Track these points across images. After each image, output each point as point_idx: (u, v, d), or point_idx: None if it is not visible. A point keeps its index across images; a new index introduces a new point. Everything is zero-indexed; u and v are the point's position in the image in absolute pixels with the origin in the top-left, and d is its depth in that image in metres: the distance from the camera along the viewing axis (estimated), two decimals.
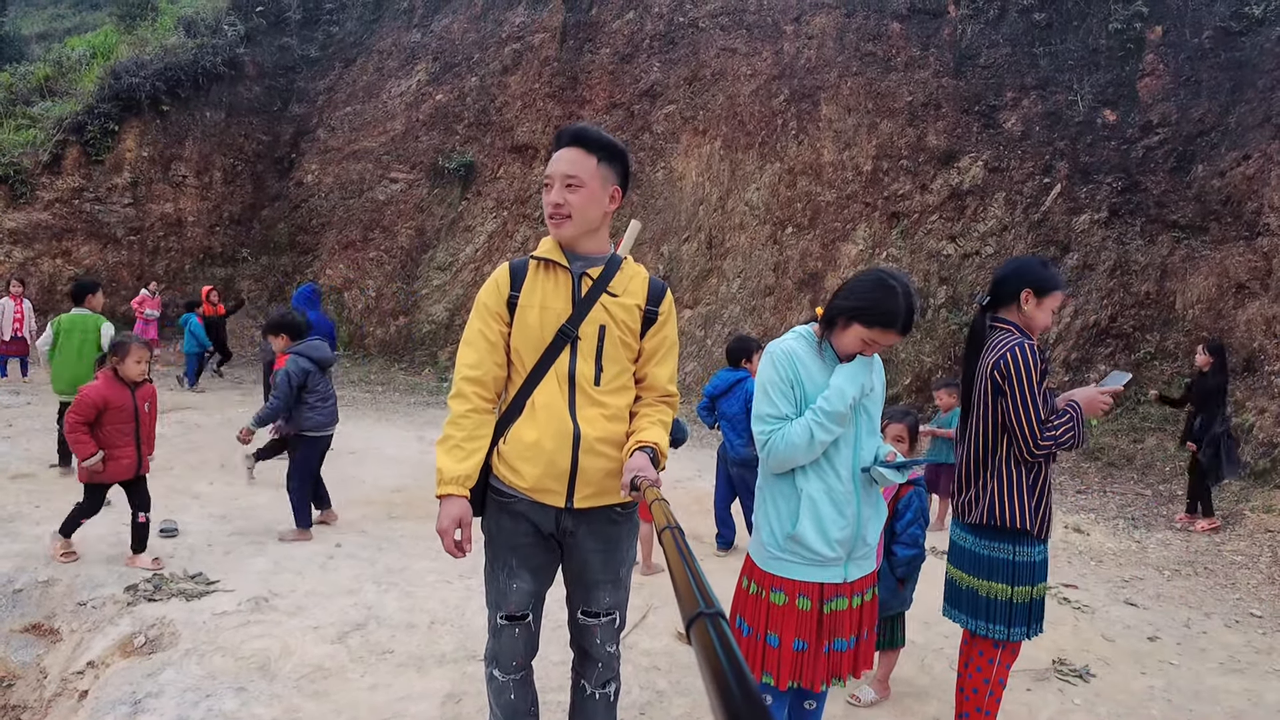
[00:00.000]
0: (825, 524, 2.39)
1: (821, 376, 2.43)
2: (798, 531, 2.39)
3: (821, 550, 2.39)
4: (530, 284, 2.28)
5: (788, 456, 2.39)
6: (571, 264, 2.28)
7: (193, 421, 9.72)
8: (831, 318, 2.42)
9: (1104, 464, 9.14)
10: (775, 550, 2.45)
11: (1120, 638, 4.63)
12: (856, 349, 2.40)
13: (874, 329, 2.34)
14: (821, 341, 2.46)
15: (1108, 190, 10.72)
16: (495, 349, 2.29)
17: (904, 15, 12.74)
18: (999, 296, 2.92)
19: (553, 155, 2.27)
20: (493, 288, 2.31)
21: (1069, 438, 2.74)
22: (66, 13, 22.91)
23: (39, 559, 4.92)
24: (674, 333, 2.43)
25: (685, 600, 0.94)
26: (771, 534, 2.47)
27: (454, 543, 2.20)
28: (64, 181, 14.83)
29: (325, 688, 3.46)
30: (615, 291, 2.29)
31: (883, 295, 2.33)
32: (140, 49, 16.42)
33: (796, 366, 2.42)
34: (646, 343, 2.35)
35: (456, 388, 2.30)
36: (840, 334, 2.40)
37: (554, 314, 2.25)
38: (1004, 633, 2.85)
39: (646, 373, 2.38)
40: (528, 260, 2.32)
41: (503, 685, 2.41)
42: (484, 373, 2.28)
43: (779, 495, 2.47)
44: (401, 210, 16.86)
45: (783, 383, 2.42)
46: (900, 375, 11.35)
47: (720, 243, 13.98)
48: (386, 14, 18.21)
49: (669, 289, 2.44)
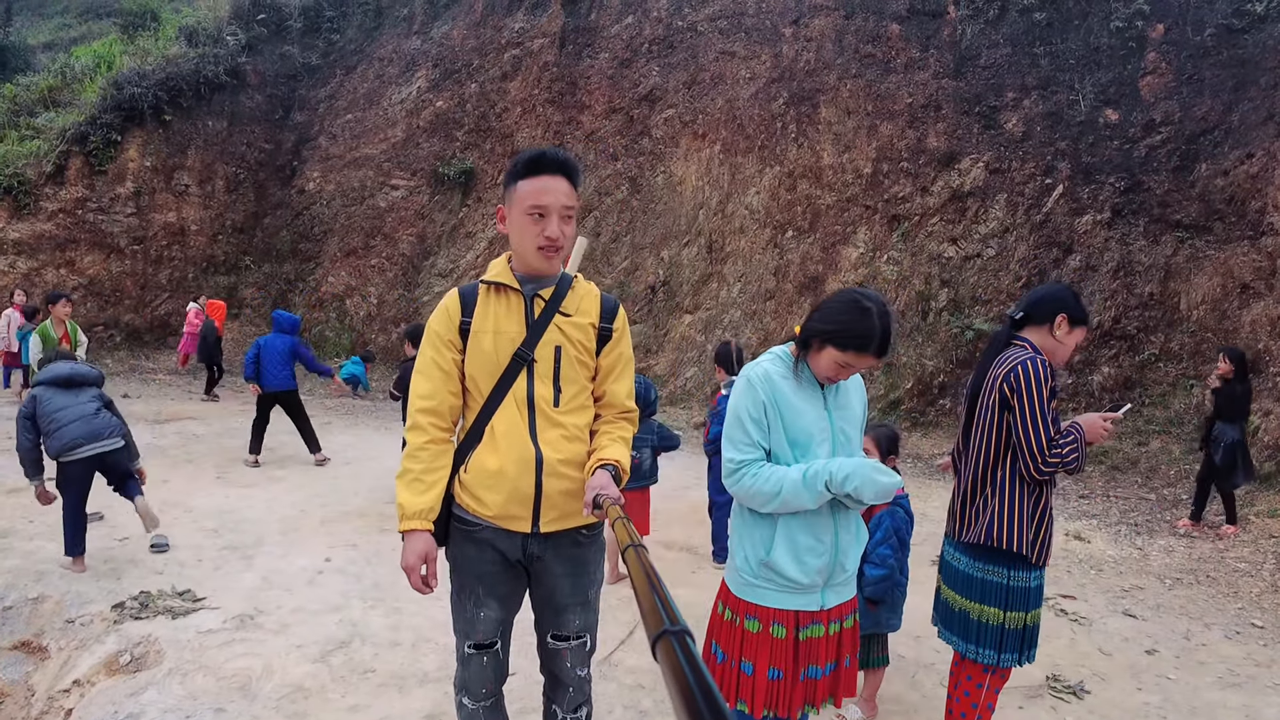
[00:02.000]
0: (801, 551, 2.33)
1: (798, 399, 2.35)
2: (772, 558, 2.33)
3: (796, 577, 2.32)
4: (482, 309, 2.24)
5: (748, 498, 2.35)
6: (523, 286, 2.24)
7: (191, 432, 9.73)
8: (806, 339, 2.34)
9: (1108, 468, 9.04)
10: (749, 577, 2.39)
11: (1118, 651, 4.56)
12: (832, 373, 2.31)
13: (848, 352, 2.25)
14: (798, 362, 2.38)
15: (1110, 190, 10.62)
16: (449, 378, 2.25)
17: (903, 16, 12.67)
18: (1031, 315, 2.83)
19: (532, 180, 2.16)
20: (443, 315, 2.27)
21: (1074, 459, 2.66)
22: (73, 22, 23.05)
23: (30, 575, 4.92)
24: (629, 348, 2.40)
25: (650, 619, 0.95)
26: (745, 560, 2.40)
27: (420, 579, 2.16)
28: (67, 192, 14.90)
29: (305, 708, 3.43)
30: (568, 311, 2.26)
31: (856, 317, 2.24)
32: (142, 59, 16.51)
33: (773, 392, 2.35)
34: (603, 360, 2.32)
35: (412, 420, 2.25)
36: (815, 356, 2.32)
37: (508, 338, 2.21)
38: (994, 658, 2.78)
39: (605, 390, 2.35)
40: (477, 285, 2.28)
41: (473, 713, 2.39)
42: (439, 402, 2.24)
43: (753, 520, 2.40)
44: (403, 217, 16.87)
45: (755, 409, 2.35)
46: (902, 379, 11.28)
47: (720, 247, 13.92)
48: (387, 21, 18.24)
49: (621, 305, 2.41)
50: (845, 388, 2.46)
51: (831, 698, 2.50)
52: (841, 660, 2.48)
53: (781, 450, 2.35)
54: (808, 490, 2.26)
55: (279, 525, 6.19)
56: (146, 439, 9.06)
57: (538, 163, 2.18)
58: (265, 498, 6.97)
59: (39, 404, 5.04)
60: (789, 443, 2.35)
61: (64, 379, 5.19)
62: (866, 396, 2.61)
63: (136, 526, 5.98)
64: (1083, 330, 2.83)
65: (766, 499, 2.31)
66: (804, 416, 2.35)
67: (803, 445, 2.35)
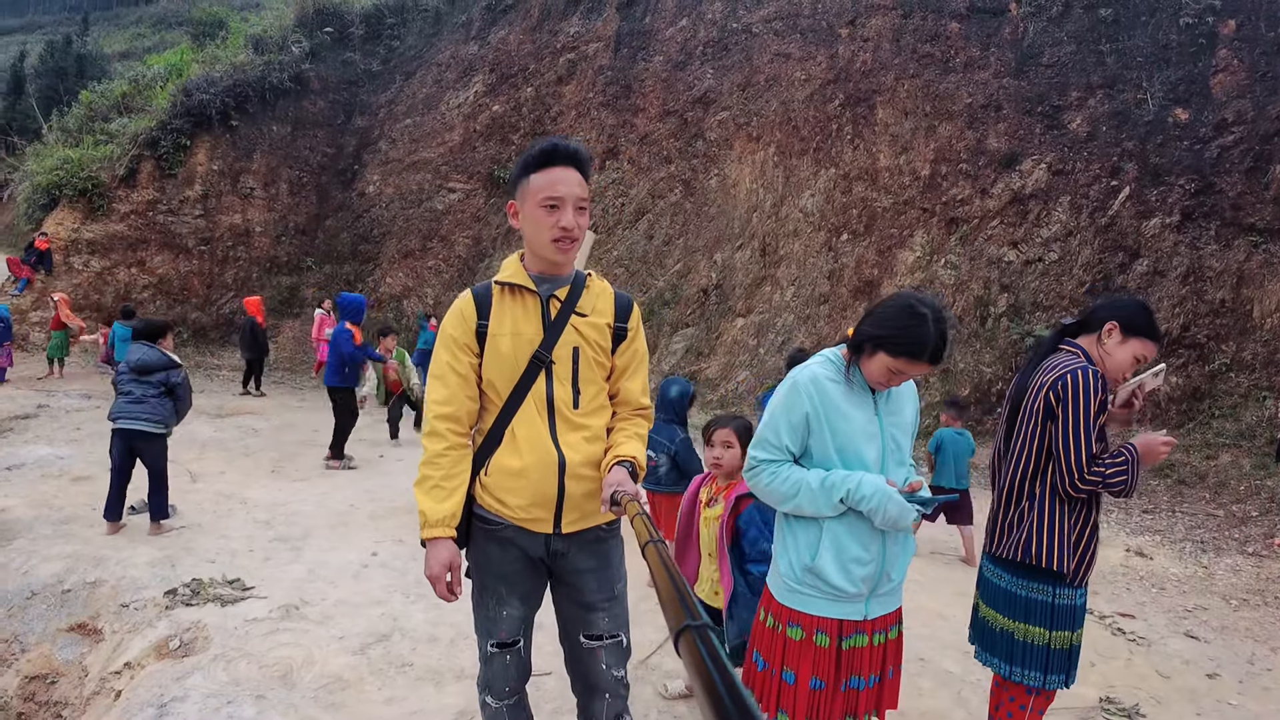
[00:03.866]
0: (847, 559, 2.27)
1: (846, 404, 2.29)
2: (817, 564, 2.27)
3: (842, 585, 2.26)
4: (498, 311, 2.21)
5: (764, 494, 2.32)
6: (539, 287, 2.20)
7: (250, 426, 9.99)
8: (858, 344, 2.28)
9: (1174, 482, 8.68)
10: (793, 583, 2.34)
11: (1177, 674, 4.35)
12: (883, 379, 2.25)
13: (900, 359, 2.18)
14: (850, 366, 2.32)
15: (1180, 193, 10.22)
16: (466, 382, 2.22)
17: (963, 15, 12.41)
18: (1086, 323, 2.70)
19: (545, 172, 2.12)
20: (458, 318, 2.22)
21: (1120, 481, 2.46)
22: (146, 32, 24.04)
23: (89, 560, 5.09)
24: (644, 346, 2.37)
25: (671, 613, 0.94)
26: (790, 566, 2.35)
27: (445, 588, 2.16)
28: (139, 194, 15.48)
29: (342, 699, 3.47)
30: (584, 311, 2.23)
31: (911, 324, 2.16)
32: (211, 67, 17.09)
33: (820, 397, 2.29)
34: (618, 359, 2.30)
35: (430, 426, 2.23)
36: (867, 362, 2.26)
37: (526, 340, 2.18)
38: (1039, 679, 2.62)
39: (620, 388, 2.32)
40: (490, 286, 2.24)
41: (496, 712, 2.37)
42: (457, 408, 2.21)
43: (798, 525, 2.35)
44: (459, 219, 17.13)
45: (795, 415, 2.30)
46: (959, 386, 11.01)
47: (774, 250, 13.80)
48: (445, 27, 18.56)
49: (635, 303, 2.37)
50: (898, 393, 2.39)
51: (875, 712, 2.42)
52: (885, 672, 2.41)
53: (825, 454, 2.30)
54: (824, 498, 2.22)
55: (328, 519, 6.30)
56: (207, 432, 9.36)
57: (550, 155, 2.14)
58: (317, 493, 7.12)
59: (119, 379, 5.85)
60: (835, 448, 2.29)
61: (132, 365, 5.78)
62: (919, 403, 2.54)
63: (195, 515, 6.18)
64: (1139, 343, 2.62)
65: (782, 499, 2.29)
66: (852, 421, 2.29)
67: (850, 450, 2.29)
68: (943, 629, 4.70)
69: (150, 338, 5.96)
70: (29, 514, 5.97)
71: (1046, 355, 2.71)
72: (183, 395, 5.92)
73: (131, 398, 5.72)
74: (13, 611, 4.64)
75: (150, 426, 5.72)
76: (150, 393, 5.74)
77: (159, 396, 5.76)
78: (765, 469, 2.33)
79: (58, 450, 7.89)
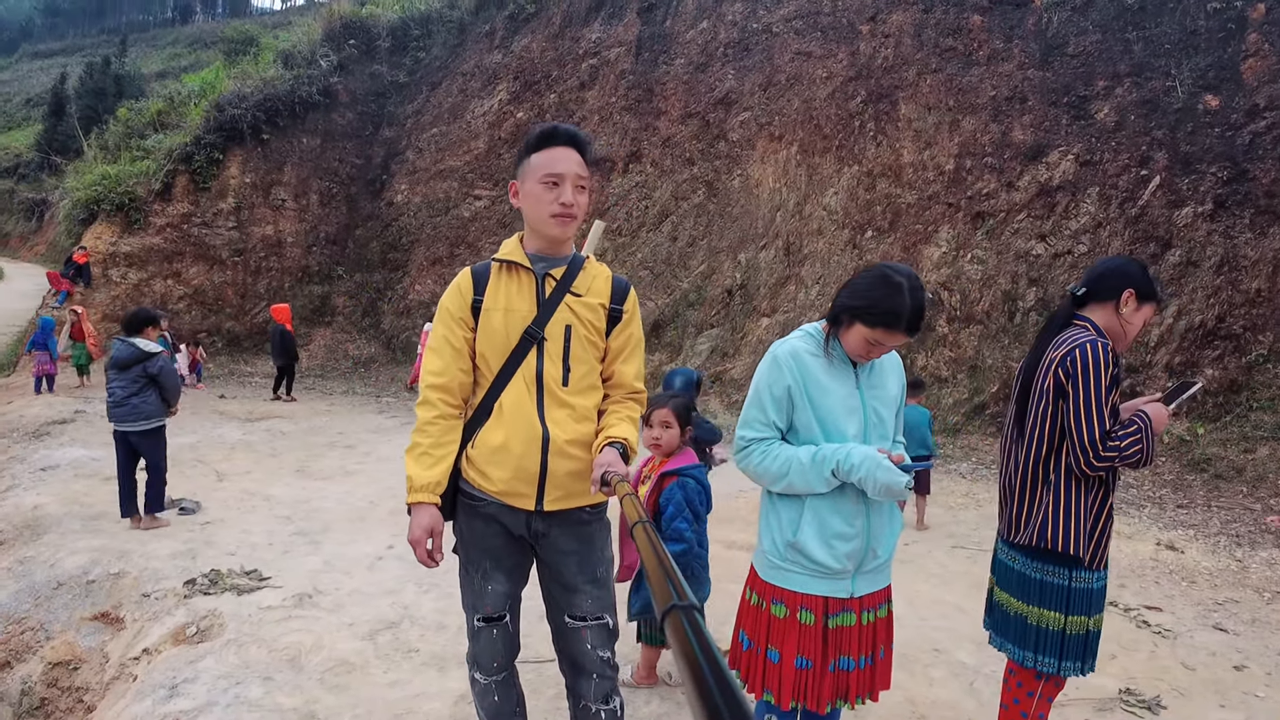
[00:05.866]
0: (829, 534, 2.23)
1: (826, 378, 2.26)
2: (799, 539, 2.24)
3: (825, 561, 2.23)
4: (494, 287, 2.25)
5: (755, 476, 2.31)
6: (534, 265, 2.25)
7: (279, 430, 10.16)
8: (836, 315, 2.26)
9: (1210, 475, 8.44)
10: (776, 559, 2.31)
11: (1202, 666, 4.22)
12: (862, 350, 2.23)
13: (877, 329, 2.16)
14: (829, 340, 2.29)
15: (1212, 181, 9.97)
16: (460, 355, 2.26)
17: (985, 7, 12.26)
18: (1095, 291, 2.59)
19: (545, 151, 2.18)
20: (455, 293, 2.28)
21: (1135, 452, 2.40)
22: (183, 52, 24.72)
23: (113, 553, 5.22)
24: (639, 330, 2.38)
25: (659, 594, 0.94)
26: (773, 542, 2.32)
27: (426, 552, 2.18)
28: (174, 208, 15.87)
29: (347, 681, 3.51)
30: (579, 291, 2.26)
31: (886, 293, 2.14)
32: (242, 82, 17.49)
33: (800, 370, 2.27)
34: (612, 341, 2.32)
35: (423, 395, 2.28)
36: (845, 333, 2.24)
37: (519, 316, 2.22)
38: (1054, 665, 2.55)
39: (614, 370, 2.34)
40: (489, 264, 2.30)
41: (485, 688, 2.38)
42: (449, 379, 2.25)
43: (780, 501, 2.33)
44: (485, 226, 17.28)
45: (778, 389, 2.28)
46: (987, 382, 10.84)
47: (798, 249, 13.71)
48: (469, 38, 18.78)
49: (632, 287, 2.39)
50: (881, 367, 2.36)
51: (869, 694, 2.37)
52: (876, 653, 2.36)
53: (809, 428, 2.28)
54: (815, 473, 2.19)
55: (349, 515, 6.38)
56: (236, 435, 9.53)
57: (549, 136, 2.21)
58: (339, 490, 7.21)
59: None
60: (817, 421, 2.27)
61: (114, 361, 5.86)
62: (905, 378, 2.50)
63: (219, 511, 6.29)
64: (1151, 308, 2.58)
65: (774, 479, 2.26)
66: (832, 395, 2.26)
67: (831, 424, 2.26)
68: (960, 621, 4.62)
69: (129, 331, 5.95)
70: (60, 510, 6.13)
71: (1060, 330, 2.63)
72: (166, 381, 5.90)
73: (113, 399, 5.81)
74: (39, 601, 4.77)
75: (135, 425, 5.80)
76: (130, 390, 5.77)
77: (141, 391, 5.78)
78: (755, 448, 2.31)
79: (91, 452, 8.09)
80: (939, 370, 11.23)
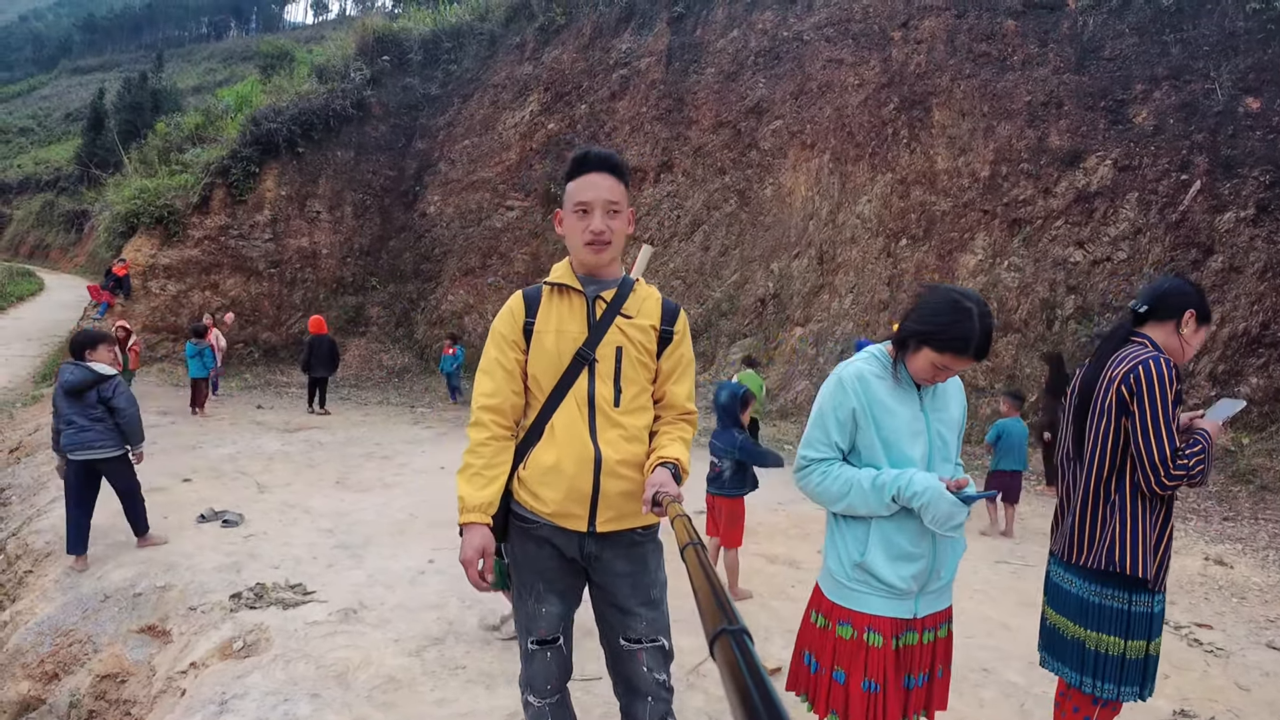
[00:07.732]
0: (896, 555, 2.23)
1: (892, 400, 2.26)
2: (866, 559, 2.24)
3: (892, 581, 2.22)
4: (545, 309, 2.27)
5: (815, 496, 2.31)
6: (585, 288, 2.26)
7: (316, 440, 10.25)
8: (903, 339, 2.25)
9: (1256, 488, 8.24)
10: (843, 580, 2.30)
11: (1256, 686, 4.10)
12: (929, 374, 2.23)
13: (945, 354, 2.16)
14: (896, 363, 2.29)
15: (1254, 185, 9.76)
16: (512, 377, 2.27)
17: (1019, 12, 12.13)
18: (1156, 309, 2.56)
19: (578, 179, 2.21)
20: (508, 316, 2.30)
21: (1200, 472, 2.37)
22: (218, 67, 25.19)
23: (160, 566, 5.28)
24: (690, 351, 2.38)
25: (708, 617, 0.93)
26: (839, 562, 2.32)
27: (477, 574, 2.18)
28: (212, 220, 16.13)
29: (394, 699, 3.51)
30: (630, 313, 2.27)
31: (955, 318, 2.14)
32: (278, 97, 17.76)
33: (865, 393, 2.26)
34: (663, 363, 2.32)
35: (475, 416, 2.29)
36: (912, 357, 2.23)
37: (570, 338, 2.23)
38: (1113, 691, 2.49)
39: (665, 391, 2.33)
40: (540, 287, 2.31)
41: (540, 711, 2.36)
42: (501, 400, 2.26)
43: (846, 522, 2.32)
44: (517, 237, 17.38)
45: (842, 411, 2.28)
46: (1027, 390, 10.67)
47: (831, 258, 13.63)
48: (500, 49, 18.92)
49: (682, 310, 2.40)
50: (944, 390, 2.36)
51: (924, 711, 2.35)
52: (934, 671, 2.35)
53: (872, 451, 2.27)
54: (875, 497, 2.19)
55: (389, 527, 6.41)
56: (275, 446, 9.63)
57: (581, 162, 2.23)
58: (378, 502, 7.25)
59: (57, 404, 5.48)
60: (881, 442, 2.26)
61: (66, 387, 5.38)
62: (966, 400, 2.47)
63: (261, 524, 6.35)
64: (1206, 330, 2.57)
65: (834, 499, 2.27)
66: (897, 417, 2.26)
67: (895, 446, 2.26)
68: (1007, 640, 4.53)
69: (76, 354, 5.50)
70: (106, 523, 6.20)
71: (1118, 347, 2.59)
72: (123, 408, 5.45)
73: (75, 427, 5.34)
74: (87, 614, 4.83)
75: (104, 452, 5.42)
76: (93, 415, 5.36)
77: (105, 418, 5.40)
78: (816, 469, 2.31)
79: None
80: (976, 380, 11.08)
